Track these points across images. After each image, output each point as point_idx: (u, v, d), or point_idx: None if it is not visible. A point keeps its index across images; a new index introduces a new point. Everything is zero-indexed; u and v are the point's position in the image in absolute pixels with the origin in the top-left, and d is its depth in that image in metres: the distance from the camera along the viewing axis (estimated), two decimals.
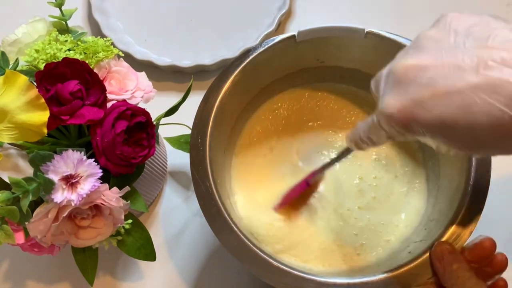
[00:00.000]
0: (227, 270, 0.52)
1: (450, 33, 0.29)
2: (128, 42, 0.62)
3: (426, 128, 0.29)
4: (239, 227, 0.41)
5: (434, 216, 0.45)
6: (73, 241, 0.40)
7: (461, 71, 0.28)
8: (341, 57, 0.50)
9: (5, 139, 0.34)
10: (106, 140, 0.38)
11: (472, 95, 0.27)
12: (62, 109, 0.37)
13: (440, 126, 0.29)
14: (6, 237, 0.36)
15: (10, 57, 0.41)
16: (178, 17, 0.65)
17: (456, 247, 0.39)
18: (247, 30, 0.63)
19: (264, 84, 0.51)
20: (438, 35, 0.30)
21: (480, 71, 0.27)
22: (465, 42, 0.28)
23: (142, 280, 0.52)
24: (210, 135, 0.44)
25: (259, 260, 0.39)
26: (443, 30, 0.30)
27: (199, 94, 0.46)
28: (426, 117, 0.29)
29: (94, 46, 0.41)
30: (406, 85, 0.30)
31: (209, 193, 0.42)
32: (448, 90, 0.28)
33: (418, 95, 0.29)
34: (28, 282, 0.52)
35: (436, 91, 0.28)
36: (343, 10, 0.67)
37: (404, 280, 0.38)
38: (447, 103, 0.28)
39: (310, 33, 0.47)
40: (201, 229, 0.54)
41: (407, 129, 0.30)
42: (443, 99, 0.28)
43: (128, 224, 0.42)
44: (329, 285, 0.38)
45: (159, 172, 0.52)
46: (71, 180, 0.36)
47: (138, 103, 0.42)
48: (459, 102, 0.27)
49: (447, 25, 0.30)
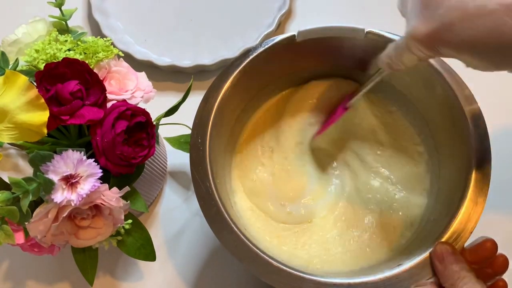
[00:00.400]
0: (227, 270, 0.52)
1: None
2: (128, 42, 0.62)
3: (455, 50, 0.29)
4: (239, 227, 0.41)
5: (434, 216, 0.45)
6: (73, 241, 0.40)
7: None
8: (341, 57, 0.50)
9: (5, 139, 0.34)
10: (106, 140, 0.38)
11: (503, 16, 0.26)
12: (62, 109, 0.37)
13: (469, 48, 0.28)
14: (6, 237, 0.36)
15: (10, 57, 0.41)
16: (178, 17, 0.65)
17: (456, 247, 0.39)
18: (247, 30, 0.63)
19: (264, 84, 0.51)
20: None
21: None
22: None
23: (142, 280, 0.52)
24: (210, 135, 0.44)
25: (259, 260, 0.39)
26: None
27: (199, 94, 0.46)
28: (456, 40, 0.28)
29: (94, 46, 0.41)
30: (435, 8, 0.29)
31: (209, 193, 0.42)
32: (478, 12, 0.27)
33: (447, 19, 0.28)
34: (28, 282, 0.52)
35: (466, 13, 0.28)
36: (343, 10, 0.67)
37: (404, 280, 0.38)
38: (477, 26, 0.27)
39: (310, 33, 0.47)
40: (201, 229, 0.54)
41: (435, 52, 0.30)
42: (473, 22, 0.27)
43: (128, 224, 0.42)
44: (329, 285, 0.38)
45: (159, 172, 0.52)
46: (71, 180, 0.36)
47: (138, 103, 0.42)
48: (489, 23, 0.27)
49: None
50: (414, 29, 0.30)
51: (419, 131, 0.50)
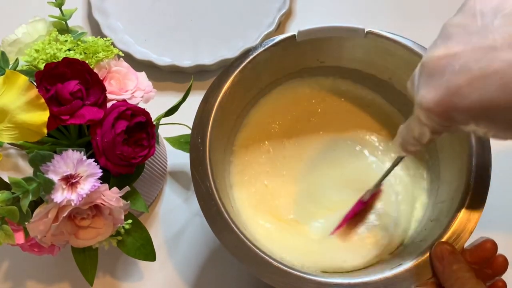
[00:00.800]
0: (227, 270, 0.52)
1: (476, 16, 0.29)
2: (128, 42, 0.62)
3: (468, 114, 0.29)
4: (239, 227, 0.41)
5: (434, 216, 0.45)
6: (73, 241, 0.40)
7: (494, 50, 0.27)
8: (341, 57, 0.50)
9: (5, 139, 0.34)
10: (106, 140, 0.38)
11: (511, 72, 0.26)
12: (62, 109, 0.37)
13: (481, 110, 0.28)
14: (6, 237, 0.36)
15: (10, 57, 0.41)
16: (178, 17, 0.65)
17: (456, 247, 0.39)
18: (247, 30, 0.63)
19: (264, 84, 0.51)
20: (464, 21, 0.29)
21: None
22: (493, 21, 0.28)
23: (142, 280, 0.52)
24: (210, 135, 0.44)
25: (259, 260, 0.39)
26: (469, 15, 0.29)
27: (199, 94, 0.46)
28: (465, 103, 0.28)
29: (94, 46, 0.41)
30: (439, 76, 0.29)
31: (209, 193, 0.42)
32: (484, 73, 0.27)
33: (453, 84, 0.28)
34: (28, 282, 0.52)
35: (471, 76, 0.28)
36: (343, 10, 0.67)
37: (404, 280, 0.38)
38: (485, 86, 0.27)
39: (310, 33, 0.47)
40: (201, 229, 0.54)
41: (448, 120, 0.30)
42: (480, 83, 0.27)
43: (128, 224, 0.42)
44: (329, 285, 0.38)
45: (159, 172, 0.52)
46: (71, 180, 0.36)
47: (138, 103, 0.42)
48: (497, 82, 0.27)
49: (472, 8, 0.29)
50: (422, 98, 0.30)
51: None
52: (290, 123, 0.53)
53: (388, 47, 0.46)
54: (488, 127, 0.30)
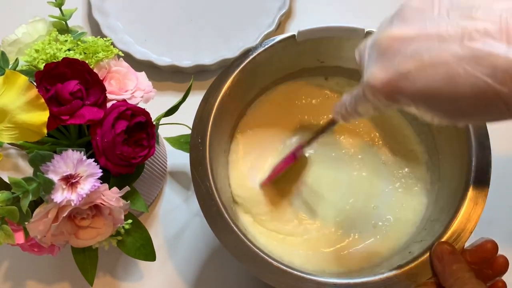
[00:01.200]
0: (227, 270, 0.51)
1: (434, 4, 0.29)
2: (128, 42, 0.62)
3: (411, 99, 0.29)
4: (239, 227, 0.41)
5: (434, 216, 0.45)
6: (73, 241, 0.40)
7: (446, 42, 0.28)
8: (341, 57, 0.50)
9: (5, 139, 0.34)
10: (106, 140, 0.38)
11: (456, 67, 0.27)
12: (62, 109, 0.37)
13: (424, 97, 0.29)
14: (6, 237, 0.36)
15: (10, 57, 0.41)
16: (178, 17, 0.65)
17: (456, 247, 0.39)
18: (247, 30, 0.63)
19: (264, 84, 0.51)
20: (422, 5, 0.30)
21: (464, 42, 0.27)
22: (449, 12, 0.28)
23: (142, 280, 0.52)
24: (210, 135, 0.44)
25: (259, 260, 0.39)
26: (428, 1, 0.30)
27: (199, 94, 0.46)
28: (411, 89, 0.29)
29: (94, 46, 0.41)
30: (391, 57, 0.30)
31: (209, 193, 0.42)
32: (432, 62, 0.28)
33: (402, 68, 0.29)
34: (28, 282, 0.52)
35: (421, 63, 0.28)
36: (343, 10, 0.67)
37: (404, 280, 0.38)
38: (431, 75, 0.28)
39: (310, 33, 0.47)
40: (201, 229, 0.54)
41: (392, 101, 0.31)
42: (428, 71, 0.28)
43: (128, 224, 0.42)
44: (329, 285, 0.38)
45: (159, 172, 0.52)
46: (71, 180, 0.36)
47: (138, 103, 0.42)
48: (443, 73, 0.27)
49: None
50: (371, 76, 0.31)
51: (419, 131, 0.50)
52: (290, 123, 0.53)
53: None
54: (426, 111, 0.30)
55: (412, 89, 0.29)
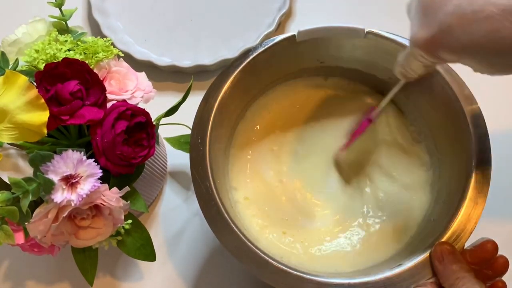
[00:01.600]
0: (227, 270, 0.52)
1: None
2: (128, 42, 0.62)
3: (456, 55, 0.29)
4: (239, 227, 0.41)
5: (434, 216, 0.45)
6: (73, 241, 0.40)
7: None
8: (341, 57, 0.50)
9: (5, 139, 0.34)
10: (106, 140, 0.38)
11: (501, 19, 0.27)
12: (62, 109, 0.37)
13: (470, 52, 0.29)
14: (6, 237, 0.36)
15: (10, 57, 0.41)
16: (178, 17, 0.65)
17: (456, 247, 0.39)
18: (247, 30, 0.63)
19: (264, 84, 0.51)
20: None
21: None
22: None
23: (142, 280, 0.52)
24: (210, 135, 0.44)
25: (259, 260, 0.39)
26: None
27: (199, 94, 0.46)
28: (455, 45, 0.29)
29: (94, 46, 0.41)
30: (433, 14, 0.29)
31: (209, 193, 0.42)
32: (476, 17, 0.27)
33: (445, 24, 0.29)
34: (28, 282, 0.52)
35: (464, 18, 0.28)
36: (343, 10, 0.67)
37: (404, 280, 0.38)
38: (475, 30, 0.28)
39: (310, 33, 0.47)
40: (201, 229, 0.54)
41: (437, 57, 0.30)
42: (472, 26, 0.28)
43: (128, 224, 0.42)
44: (329, 285, 0.38)
45: (159, 172, 0.52)
46: (71, 180, 0.36)
47: (138, 103, 0.42)
48: (488, 27, 0.27)
49: None
50: (414, 35, 0.31)
51: (419, 131, 0.50)
52: (290, 123, 0.53)
53: (388, 47, 0.46)
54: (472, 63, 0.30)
55: (456, 45, 0.29)
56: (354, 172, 0.51)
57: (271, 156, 0.51)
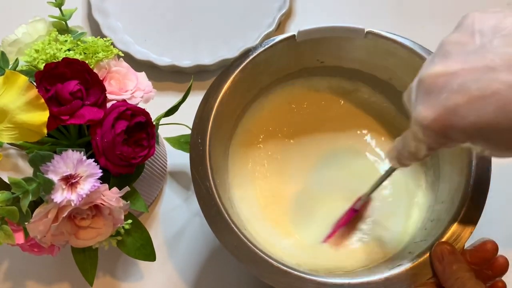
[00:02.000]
0: (227, 270, 0.52)
1: (474, 35, 0.29)
2: (128, 42, 0.62)
3: (465, 133, 0.29)
4: (239, 227, 0.41)
5: (434, 216, 0.45)
6: (73, 241, 0.40)
7: (493, 71, 0.27)
8: (341, 57, 0.50)
9: (5, 139, 0.34)
10: (106, 140, 0.38)
11: (508, 95, 0.26)
12: (62, 109, 0.37)
13: (478, 130, 0.28)
14: (6, 237, 0.36)
15: (10, 57, 0.41)
16: (178, 17, 0.65)
17: (456, 247, 0.39)
18: (247, 30, 0.63)
19: (264, 84, 0.51)
20: (462, 39, 0.29)
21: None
22: (492, 41, 0.28)
23: (142, 280, 0.52)
24: (210, 135, 0.44)
25: (259, 260, 0.39)
26: (467, 33, 0.29)
27: (199, 94, 0.46)
28: (463, 123, 0.28)
29: (94, 46, 0.41)
30: (437, 93, 0.29)
31: (209, 193, 0.42)
32: (482, 94, 0.27)
33: (451, 103, 0.28)
34: (28, 282, 0.52)
35: (470, 96, 0.27)
36: (343, 10, 0.67)
37: (404, 280, 0.38)
38: (483, 107, 0.27)
39: (310, 33, 0.47)
40: (201, 229, 0.54)
41: (445, 138, 0.30)
42: (478, 103, 0.27)
43: (128, 224, 0.42)
44: (329, 285, 0.38)
45: (159, 172, 0.52)
46: (71, 180, 0.36)
47: (138, 103, 0.42)
48: (496, 103, 0.27)
49: (470, 27, 0.29)
50: (419, 115, 0.30)
51: None
52: (290, 123, 0.53)
53: (388, 47, 0.46)
54: (484, 146, 0.29)
55: (464, 123, 0.28)
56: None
57: (271, 157, 0.51)
